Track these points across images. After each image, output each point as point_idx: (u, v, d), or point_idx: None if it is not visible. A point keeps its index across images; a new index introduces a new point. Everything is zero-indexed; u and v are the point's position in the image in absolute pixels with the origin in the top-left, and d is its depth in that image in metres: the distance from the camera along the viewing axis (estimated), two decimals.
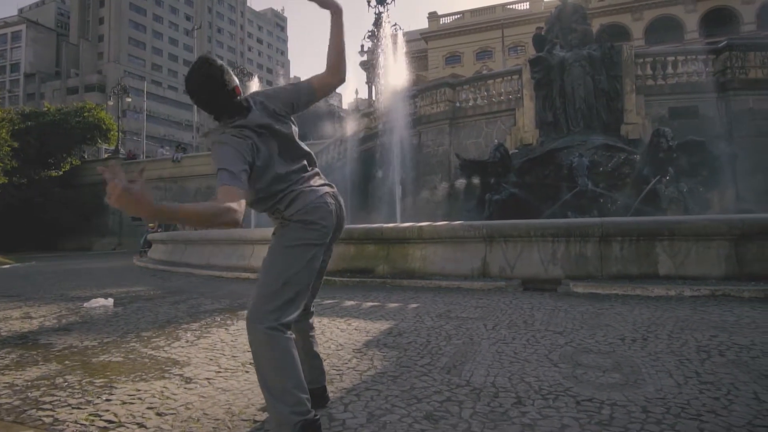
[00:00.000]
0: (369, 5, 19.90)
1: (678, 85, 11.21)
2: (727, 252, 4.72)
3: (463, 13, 39.92)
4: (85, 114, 25.50)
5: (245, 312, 1.70)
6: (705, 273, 4.74)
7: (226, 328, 3.65)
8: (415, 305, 4.35)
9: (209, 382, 2.39)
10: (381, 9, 19.32)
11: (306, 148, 1.86)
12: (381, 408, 1.98)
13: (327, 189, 1.83)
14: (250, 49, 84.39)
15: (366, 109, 16.22)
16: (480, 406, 1.98)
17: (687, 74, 11.31)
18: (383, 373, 2.44)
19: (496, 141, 10.58)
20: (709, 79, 11.06)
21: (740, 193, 10.45)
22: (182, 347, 3.12)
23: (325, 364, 2.15)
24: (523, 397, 2.06)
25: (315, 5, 1.86)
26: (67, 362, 2.84)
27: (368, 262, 6.26)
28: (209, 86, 1.66)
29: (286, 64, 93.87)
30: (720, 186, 10.00)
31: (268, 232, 8.09)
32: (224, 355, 2.90)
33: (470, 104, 13.56)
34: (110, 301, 4.96)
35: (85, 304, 4.89)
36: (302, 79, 2.07)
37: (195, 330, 3.63)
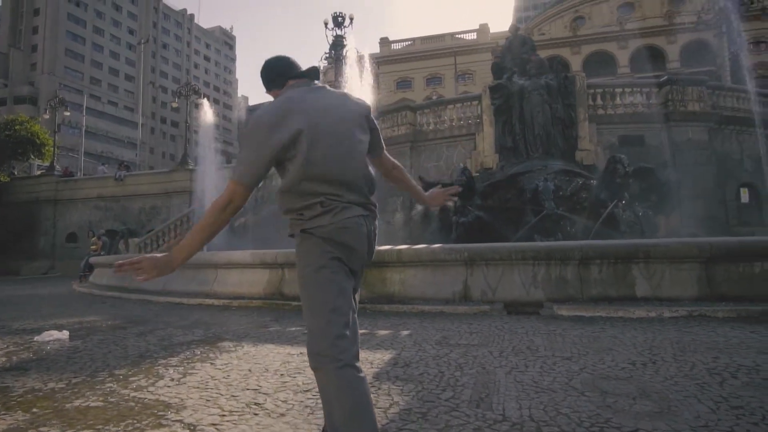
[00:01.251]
0: (326, 28, 19.97)
1: (626, 115, 11.95)
2: (698, 274, 4.95)
3: (414, 39, 41.07)
4: (17, 127, 23.57)
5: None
6: (679, 294, 4.93)
7: (211, 363, 3.34)
8: (407, 332, 4.21)
9: (217, 429, 2.13)
10: (339, 32, 19.41)
11: (369, 170, 1.68)
12: None
13: (361, 211, 1.61)
14: (196, 66, 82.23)
15: None
16: None
17: (633, 105, 12.10)
18: (409, 410, 2.27)
19: (461, 164, 10.77)
20: (653, 110, 11.88)
21: (683, 217, 11.18)
22: (169, 387, 2.80)
23: None
24: (568, 431, 1.97)
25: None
26: (35, 410, 2.46)
27: None
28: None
29: (233, 83, 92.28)
30: (665, 210, 10.65)
31: (232, 256, 7.70)
32: (221, 395, 2.62)
33: (431, 128, 13.78)
34: (65, 334, 4.45)
35: (37, 338, 4.36)
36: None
37: (176, 366, 3.29)
